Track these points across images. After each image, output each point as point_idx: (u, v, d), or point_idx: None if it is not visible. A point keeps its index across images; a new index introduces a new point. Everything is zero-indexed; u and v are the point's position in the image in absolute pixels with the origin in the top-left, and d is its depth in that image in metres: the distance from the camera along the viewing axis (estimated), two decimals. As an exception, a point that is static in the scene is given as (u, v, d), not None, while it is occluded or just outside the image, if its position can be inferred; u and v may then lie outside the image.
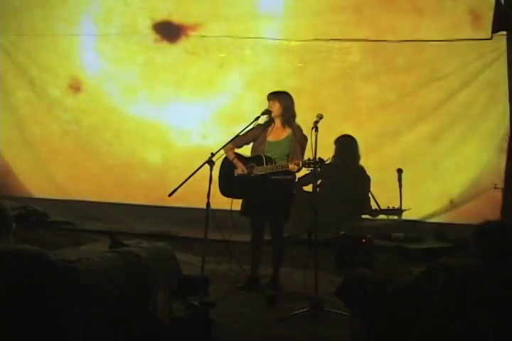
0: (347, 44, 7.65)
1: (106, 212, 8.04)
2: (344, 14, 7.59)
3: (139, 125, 8.15)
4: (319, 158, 5.07)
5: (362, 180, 7.43)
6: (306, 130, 5.26)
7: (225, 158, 5.72)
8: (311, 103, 7.33)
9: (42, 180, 8.41)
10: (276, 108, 5.60)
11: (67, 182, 8.32)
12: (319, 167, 5.14)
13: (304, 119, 5.57)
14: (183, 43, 7.99)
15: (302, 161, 5.24)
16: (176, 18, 7.95)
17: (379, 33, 7.55)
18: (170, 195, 5.09)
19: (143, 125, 8.13)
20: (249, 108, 5.58)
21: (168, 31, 7.98)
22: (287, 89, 5.92)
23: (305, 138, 5.45)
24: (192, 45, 7.95)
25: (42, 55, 8.34)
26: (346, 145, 7.43)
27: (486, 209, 7.15)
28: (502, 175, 7.26)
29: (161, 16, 7.99)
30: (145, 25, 8.04)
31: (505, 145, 7.26)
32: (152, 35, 8.05)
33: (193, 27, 7.90)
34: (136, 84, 8.16)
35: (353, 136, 7.48)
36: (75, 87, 8.31)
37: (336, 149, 7.41)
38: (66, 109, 8.36)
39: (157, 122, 8.10)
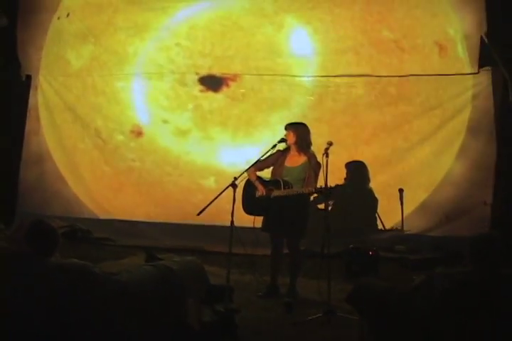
0: (351, 79, 7.89)
1: (144, 230, 8.08)
2: (346, 55, 7.90)
3: (194, 158, 8.39)
4: (330, 186, 5.05)
5: (370, 201, 7.49)
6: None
7: (247, 181, 5.71)
8: (329, 129, 7.75)
9: (110, 207, 8.58)
10: (291, 137, 5.57)
11: (134, 207, 8.47)
12: (329, 193, 5.14)
13: (323, 143, 5.42)
14: (224, 91, 8.34)
15: (315, 188, 5.27)
16: (216, 71, 8.31)
17: (374, 69, 7.84)
18: (198, 214, 5.09)
19: (197, 158, 8.39)
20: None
21: (211, 83, 8.34)
22: (309, 120, 6.02)
23: (319, 165, 5.37)
24: (232, 92, 8.31)
25: (105, 108, 8.56)
26: (356, 169, 7.55)
27: (477, 223, 7.04)
28: (491, 192, 7.17)
29: (203, 71, 8.34)
30: (192, 79, 8.38)
31: (494, 165, 7.19)
32: (198, 87, 8.38)
33: (231, 77, 8.26)
34: (188, 126, 8.44)
35: (362, 154, 7.69)
36: (137, 132, 8.53)
37: (347, 173, 7.52)
38: (130, 150, 8.53)
39: (209, 155, 8.37)
